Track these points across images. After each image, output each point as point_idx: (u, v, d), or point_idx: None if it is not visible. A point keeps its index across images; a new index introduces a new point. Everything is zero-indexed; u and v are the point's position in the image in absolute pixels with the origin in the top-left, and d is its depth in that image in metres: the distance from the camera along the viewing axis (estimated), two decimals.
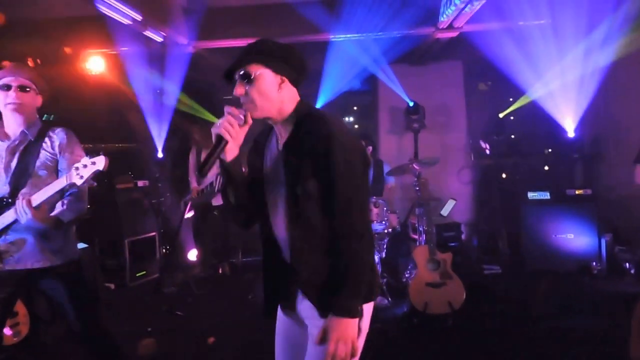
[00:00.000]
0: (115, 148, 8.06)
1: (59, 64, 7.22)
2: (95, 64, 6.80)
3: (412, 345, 4.62)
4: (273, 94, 2.02)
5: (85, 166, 2.64)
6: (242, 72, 2.00)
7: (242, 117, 1.98)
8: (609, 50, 6.30)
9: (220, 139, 1.96)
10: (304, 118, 2.04)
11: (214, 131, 1.98)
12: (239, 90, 2.00)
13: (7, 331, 4.29)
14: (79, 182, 2.65)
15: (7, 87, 2.92)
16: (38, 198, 2.73)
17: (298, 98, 2.10)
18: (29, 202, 2.70)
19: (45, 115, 7.62)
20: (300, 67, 2.09)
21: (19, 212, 2.72)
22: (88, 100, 7.62)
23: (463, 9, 5.33)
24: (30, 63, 5.69)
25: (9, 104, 2.93)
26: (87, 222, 6.62)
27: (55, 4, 5.92)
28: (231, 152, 2.02)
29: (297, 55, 2.07)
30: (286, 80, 2.04)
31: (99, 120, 7.81)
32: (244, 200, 2.12)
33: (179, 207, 7.12)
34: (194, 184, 6.83)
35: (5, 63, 3.06)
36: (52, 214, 2.88)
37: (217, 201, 6.81)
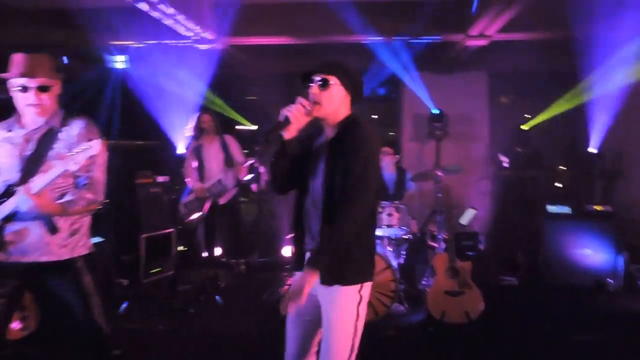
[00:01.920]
0: (136, 145, 8.08)
1: (85, 56, 7.25)
2: (120, 57, 6.79)
3: (428, 354, 4.59)
4: (337, 103, 2.55)
5: (81, 150, 2.57)
6: (322, 78, 2.51)
7: (308, 108, 2.46)
8: (635, 68, 6.28)
9: (287, 119, 2.43)
10: (348, 124, 2.56)
11: (283, 112, 2.45)
12: (314, 90, 2.51)
13: (15, 325, 4.25)
14: (74, 167, 2.57)
15: (25, 89, 2.82)
16: (38, 184, 2.64)
17: (349, 111, 2.61)
18: (27, 189, 2.63)
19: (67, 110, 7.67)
20: (360, 93, 2.65)
21: (19, 200, 2.66)
22: (113, 94, 7.66)
23: (497, 15, 5.32)
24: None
25: (30, 105, 2.84)
26: (104, 216, 6.70)
27: None
28: (290, 132, 2.53)
29: (361, 83, 2.65)
30: (349, 97, 2.59)
31: (122, 115, 7.85)
32: (286, 171, 2.62)
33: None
34: (197, 184, 6.49)
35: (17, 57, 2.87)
36: (59, 201, 2.79)
37: (222, 200, 6.61)
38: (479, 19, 5.60)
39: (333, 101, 2.52)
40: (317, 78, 2.51)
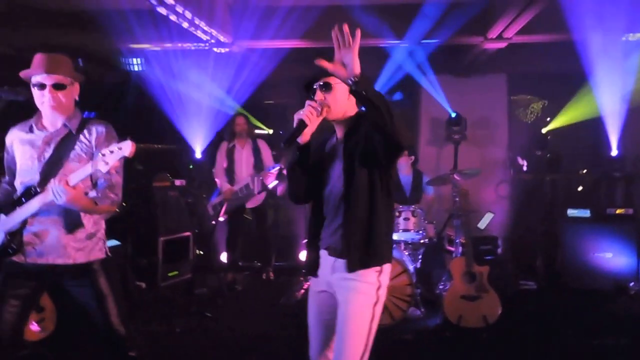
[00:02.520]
0: (153, 149, 8.12)
1: (102, 58, 7.30)
2: (138, 60, 6.83)
3: (444, 359, 4.56)
4: (343, 102, 2.57)
5: (112, 152, 2.56)
6: (322, 83, 2.54)
7: (319, 109, 2.49)
8: None
9: (302, 122, 2.45)
10: (358, 118, 2.62)
11: (296, 117, 2.47)
12: (319, 96, 2.54)
13: (33, 326, 4.27)
14: (103, 168, 2.56)
15: (42, 86, 2.84)
16: (74, 178, 2.64)
17: (357, 108, 2.64)
18: (66, 181, 2.61)
19: (86, 113, 7.73)
20: None
21: (55, 192, 2.62)
22: (130, 98, 7.70)
23: (516, 17, 5.28)
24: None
25: (45, 102, 2.85)
26: (122, 219, 6.72)
27: None
28: (305, 136, 2.56)
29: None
30: None
31: (141, 119, 7.90)
32: (305, 176, 2.67)
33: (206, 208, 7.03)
34: (226, 185, 6.65)
35: (37, 56, 2.90)
36: (89, 196, 2.81)
37: (252, 204, 6.70)
38: (498, 21, 5.55)
39: (339, 101, 2.55)
40: (319, 83, 2.55)
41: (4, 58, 6.80)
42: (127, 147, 2.56)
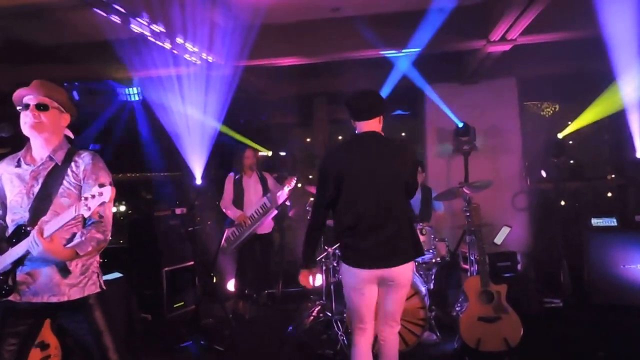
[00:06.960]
0: (161, 177, 8.09)
1: (102, 90, 7.30)
2: (135, 90, 6.79)
3: None
4: None
5: (93, 196, 2.52)
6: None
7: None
8: None
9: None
10: None
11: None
12: None
13: None
14: (86, 213, 2.52)
15: (26, 107, 2.83)
16: (50, 228, 2.59)
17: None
18: (40, 231, 2.57)
19: (92, 145, 7.73)
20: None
21: (31, 242, 2.60)
22: (133, 128, 7.69)
23: (517, 17, 5.03)
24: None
25: (26, 123, 2.82)
26: (125, 250, 6.67)
27: (94, 29, 5.90)
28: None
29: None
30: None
31: (145, 148, 7.87)
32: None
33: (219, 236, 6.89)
34: (238, 212, 6.40)
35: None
36: (69, 245, 2.74)
37: (262, 230, 6.50)
38: (499, 23, 5.31)
39: None
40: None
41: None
42: (107, 193, 2.52)
